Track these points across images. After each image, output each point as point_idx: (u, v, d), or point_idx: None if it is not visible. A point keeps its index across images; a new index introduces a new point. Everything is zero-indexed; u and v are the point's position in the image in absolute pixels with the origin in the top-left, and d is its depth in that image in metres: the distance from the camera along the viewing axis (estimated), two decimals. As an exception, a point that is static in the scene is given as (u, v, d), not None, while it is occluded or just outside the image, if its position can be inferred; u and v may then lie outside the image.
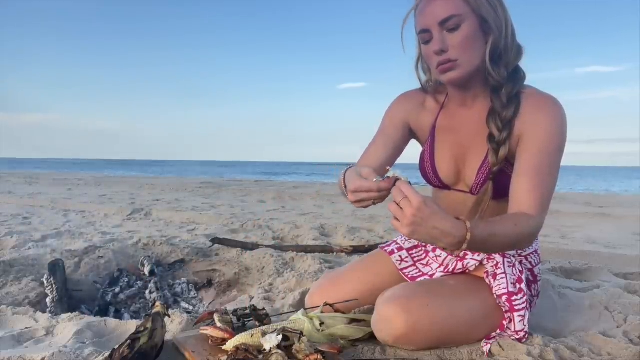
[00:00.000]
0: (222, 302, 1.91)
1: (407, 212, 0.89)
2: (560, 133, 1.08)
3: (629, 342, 1.20)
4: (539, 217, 1.04)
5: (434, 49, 1.07)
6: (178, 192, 7.23)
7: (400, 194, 0.91)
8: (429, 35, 1.09)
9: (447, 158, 1.23)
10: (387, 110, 1.36)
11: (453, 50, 1.06)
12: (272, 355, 0.93)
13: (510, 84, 1.11)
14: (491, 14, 1.07)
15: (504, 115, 1.10)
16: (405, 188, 0.92)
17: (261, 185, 9.75)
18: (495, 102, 1.12)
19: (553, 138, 1.07)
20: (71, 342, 1.21)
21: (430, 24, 1.07)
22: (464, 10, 1.05)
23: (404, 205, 0.90)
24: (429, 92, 1.30)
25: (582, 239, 3.19)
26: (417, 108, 1.32)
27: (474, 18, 1.06)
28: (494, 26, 1.07)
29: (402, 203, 0.90)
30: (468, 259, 1.23)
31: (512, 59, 1.11)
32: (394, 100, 1.36)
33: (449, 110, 1.26)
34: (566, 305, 1.50)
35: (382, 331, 1.11)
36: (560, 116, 1.08)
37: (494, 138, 1.10)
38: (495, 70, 1.10)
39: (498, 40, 1.09)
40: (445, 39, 1.06)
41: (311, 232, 3.08)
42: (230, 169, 36.32)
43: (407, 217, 0.89)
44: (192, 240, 2.80)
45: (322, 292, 1.35)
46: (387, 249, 1.40)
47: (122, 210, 4.37)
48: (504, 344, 1.10)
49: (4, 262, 2.05)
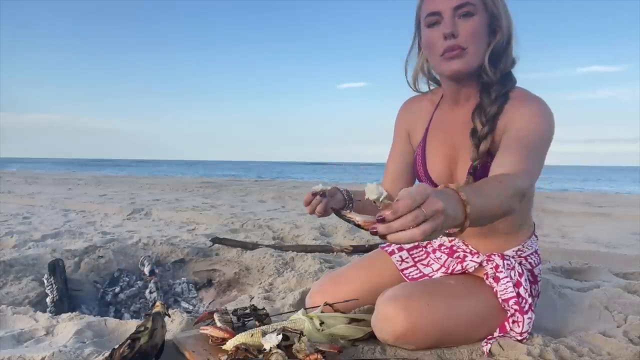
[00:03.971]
0: (222, 301, 1.91)
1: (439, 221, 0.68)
2: (545, 125, 1.06)
3: (629, 342, 1.20)
4: (525, 176, 0.94)
5: (444, 32, 1.07)
6: (178, 191, 7.23)
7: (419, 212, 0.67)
8: (437, 18, 1.08)
9: (438, 158, 1.24)
10: (394, 122, 1.41)
11: (463, 37, 1.06)
12: (272, 355, 0.93)
13: (501, 83, 1.12)
14: (501, 15, 1.08)
15: (489, 111, 1.10)
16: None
17: (261, 185, 9.74)
18: (484, 99, 1.13)
19: (537, 128, 1.05)
20: (71, 341, 1.21)
21: (443, 8, 1.07)
22: (478, 2, 1.06)
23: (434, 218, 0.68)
24: (427, 94, 1.31)
25: (582, 238, 3.18)
26: (414, 114, 1.34)
27: (485, 14, 1.08)
28: (501, 26, 1.09)
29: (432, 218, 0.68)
30: (467, 261, 1.23)
31: (508, 63, 1.13)
32: (398, 111, 1.40)
33: (442, 110, 1.26)
34: (566, 305, 1.50)
35: (382, 330, 1.11)
36: (545, 112, 1.08)
37: (476, 132, 1.11)
38: (492, 69, 1.10)
39: (500, 42, 1.10)
40: (457, 24, 1.06)
41: (311, 232, 3.08)
42: (230, 169, 36.35)
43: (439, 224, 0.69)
44: (192, 240, 2.80)
45: (323, 291, 1.35)
46: (387, 249, 1.41)
47: (122, 210, 4.37)
48: (504, 344, 1.10)
49: (4, 262, 2.05)
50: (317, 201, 1.16)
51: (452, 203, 0.73)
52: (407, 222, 0.65)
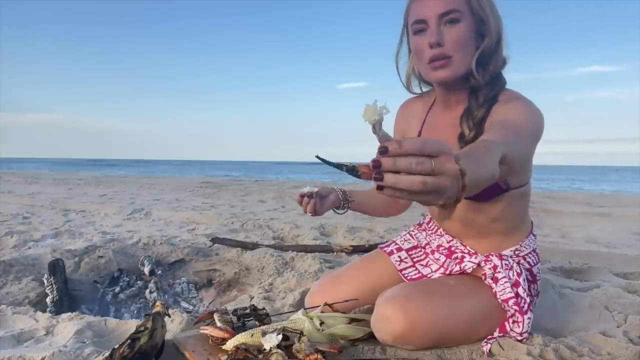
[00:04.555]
0: (222, 301, 1.91)
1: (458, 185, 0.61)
2: (532, 119, 1.03)
3: (629, 342, 1.20)
4: (504, 146, 0.83)
5: (429, 41, 1.06)
6: (178, 191, 7.23)
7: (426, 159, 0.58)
8: (424, 26, 1.08)
9: None
10: (393, 123, 1.42)
11: (449, 45, 1.06)
12: (272, 355, 0.93)
13: (489, 87, 1.11)
14: (489, 18, 1.07)
15: (476, 115, 1.10)
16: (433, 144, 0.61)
17: (261, 185, 9.74)
18: (472, 102, 1.12)
19: (523, 120, 1.01)
20: (71, 341, 1.21)
21: (429, 15, 1.06)
22: (464, 8, 1.05)
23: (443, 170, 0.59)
24: (422, 96, 1.32)
25: (582, 238, 3.18)
26: (409, 116, 1.35)
27: (472, 19, 1.07)
28: (488, 30, 1.08)
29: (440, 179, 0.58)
30: (466, 262, 1.23)
31: (498, 65, 1.12)
32: (396, 114, 1.41)
33: (434, 113, 1.27)
34: (566, 305, 1.50)
35: (381, 331, 1.11)
36: (532, 108, 1.06)
37: (464, 137, 1.10)
38: (480, 72, 1.10)
39: (489, 46, 1.09)
40: (442, 32, 1.06)
41: (311, 232, 3.08)
42: (230, 169, 36.35)
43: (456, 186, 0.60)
44: (192, 240, 2.80)
45: (323, 291, 1.35)
46: (386, 249, 1.41)
47: (122, 209, 4.37)
48: (504, 344, 1.10)
49: (4, 261, 2.05)
50: (306, 202, 1.24)
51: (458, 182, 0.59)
52: (411, 163, 0.56)
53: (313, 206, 1.23)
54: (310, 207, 1.23)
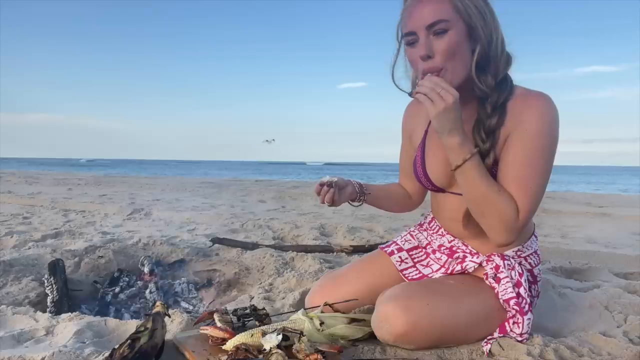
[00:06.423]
0: (222, 301, 1.91)
1: (448, 99, 1.00)
2: (550, 131, 1.06)
3: (629, 342, 1.20)
4: (523, 210, 1.05)
5: (419, 54, 1.06)
6: (178, 191, 7.23)
7: (443, 83, 1.01)
8: (414, 38, 1.07)
9: (437, 161, 1.24)
10: (401, 123, 1.44)
11: (439, 56, 1.05)
12: (272, 355, 0.93)
13: (496, 93, 1.09)
14: (480, 22, 1.05)
15: (488, 125, 1.09)
16: (446, 84, 1.02)
17: (261, 185, 9.74)
18: (481, 112, 1.11)
19: (542, 136, 1.05)
20: (71, 342, 1.21)
21: (417, 27, 1.06)
22: (452, 16, 1.04)
23: (445, 94, 1.00)
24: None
25: (582, 238, 3.18)
26: (415, 117, 1.36)
27: (462, 25, 1.05)
28: (482, 35, 1.06)
29: (443, 92, 1.00)
30: (467, 261, 1.23)
31: (500, 68, 1.10)
32: (403, 114, 1.42)
33: None
34: (566, 305, 1.50)
35: (382, 330, 1.11)
36: (550, 114, 1.06)
37: (478, 149, 1.09)
38: (482, 79, 1.08)
39: (486, 49, 1.07)
40: (431, 43, 1.05)
41: (311, 232, 3.08)
42: (230, 169, 36.33)
43: (448, 103, 1.00)
44: (192, 240, 2.80)
45: (323, 292, 1.35)
46: (386, 249, 1.41)
47: (122, 210, 4.37)
48: (504, 344, 1.10)
49: (4, 262, 2.05)
50: (325, 191, 1.23)
51: (462, 136, 1.03)
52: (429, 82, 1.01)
53: (332, 196, 1.23)
54: (329, 196, 1.22)
